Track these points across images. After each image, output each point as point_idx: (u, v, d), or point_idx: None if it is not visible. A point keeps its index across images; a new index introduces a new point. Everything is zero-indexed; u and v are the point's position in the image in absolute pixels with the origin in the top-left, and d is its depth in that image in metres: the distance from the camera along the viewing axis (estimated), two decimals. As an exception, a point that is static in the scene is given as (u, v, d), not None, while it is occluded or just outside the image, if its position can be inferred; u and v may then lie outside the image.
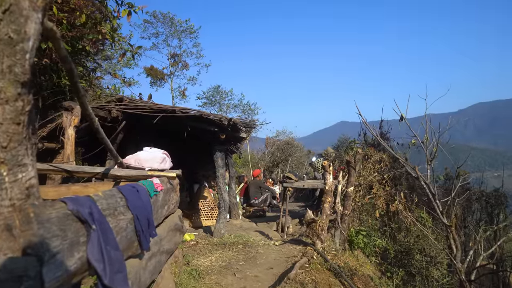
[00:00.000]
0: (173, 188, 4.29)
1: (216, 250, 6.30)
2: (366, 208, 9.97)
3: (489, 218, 13.50)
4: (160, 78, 24.81)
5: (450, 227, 6.14)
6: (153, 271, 3.14)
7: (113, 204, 2.22)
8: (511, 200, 13.95)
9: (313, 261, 5.56)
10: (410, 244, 9.42)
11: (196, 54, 25.47)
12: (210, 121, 6.90)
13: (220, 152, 7.68)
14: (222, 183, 7.74)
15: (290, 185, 8.84)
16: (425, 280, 9.04)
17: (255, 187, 11.32)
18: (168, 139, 8.32)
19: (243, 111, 26.96)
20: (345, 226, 7.60)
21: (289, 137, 24.99)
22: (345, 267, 5.81)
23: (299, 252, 6.34)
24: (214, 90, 26.73)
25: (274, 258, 6.07)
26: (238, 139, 8.37)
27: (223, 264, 5.56)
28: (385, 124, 12.60)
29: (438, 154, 6.54)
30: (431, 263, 9.27)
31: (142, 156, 4.21)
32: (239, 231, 8.28)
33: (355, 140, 12.86)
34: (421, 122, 6.60)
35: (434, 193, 6.28)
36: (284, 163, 22.61)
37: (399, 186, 10.78)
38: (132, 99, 6.78)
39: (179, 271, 4.45)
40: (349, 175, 7.57)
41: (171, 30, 24.17)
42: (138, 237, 2.57)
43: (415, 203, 10.35)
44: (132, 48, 6.83)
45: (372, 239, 8.88)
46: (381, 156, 10.52)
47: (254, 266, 5.63)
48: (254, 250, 6.49)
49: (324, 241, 6.36)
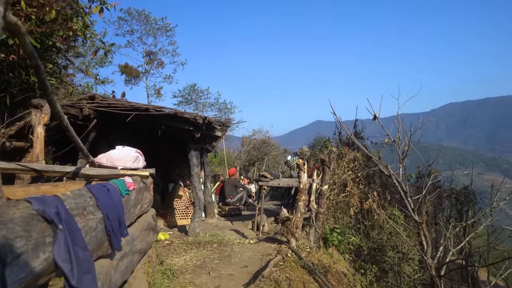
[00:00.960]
0: (147, 187, 4.24)
1: (191, 249, 6.27)
2: (341, 206, 10.10)
3: (458, 215, 13.92)
4: (135, 76, 24.42)
5: (421, 224, 6.30)
6: (125, 271, 3.10)
7: (82, 204, 2.18)
8: (479, 197, 14.42)
9: (288, 259, 5.60)
10: (383, 241, 9.61)
11: (172, 52, 25.22)
12: (185, 120, 6.84)
13: (195, 151, 7.64)
14: (197, 182, 7.70)
15: (265, 183, 8.87)
16: (397, 276, 9.23)
17: (230, 186, 11.32)
18: (142, 137, 8.22)
19: (220, 110, 26.85)
20: (320, 224, 7.68)
21: (265, 136, 25.04)
22: (319, 264, 5.88)
23: (274, 250, 6.37)
24: (190, 89, 26.51)
25: (249, 257, 6.09)
26: (214, 137, 8.34)
27: (198, 263, 5.54)
28: (359, 124, 12.80)
29: (410, 153, 6.69)
30: (403, 259, 9.47)
31: (114, 155, 4.14)
32: (214, 230, 8.26)
33: (330, 139, 13.00)
34: (394, 122, 6.73)
35: (406, 191, 6.43)
36: (260, 162, 22.66)
37: (373, 184, 10.98)
38: (105, 97, 6.66)
39: (153, 270, 4.41)
40: (324, 174, 7.65)
41: (147, 28, 23.81)
42: (108, 237, 2.53)
43: (388, 201, 10.56)
44: (104, 45, 6.71)
45: (346, 237, 9.00)
46: (355, 155, 10.69)
47: (228, 264, 5.63)
48: (229, 248, 6.49)
49: (298, 239, 6.42)
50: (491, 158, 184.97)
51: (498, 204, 6.21)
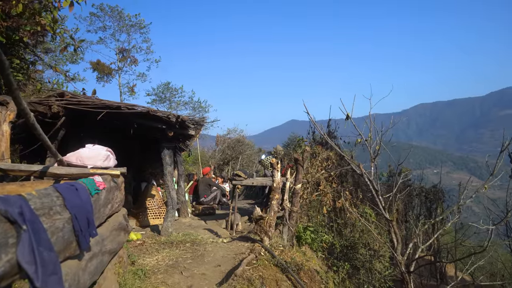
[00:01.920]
0: (118, 187, 4.17)
1: (163, 249, 6.20)
2: (314, 205, 10.21)
3: (428, 213, 14.32)
4: (108, 74, 23.90)
5: (391, 221, 6.43)
6: (94, 272, 3.04)
7: (48, 204, 2.13)
8: (448, 195, 14.88)
9: (261, 258, 5.62)
10: (355, 239, 9.77)
11: (146, 50, 24.82)
12: (157, 118, 6.76)
13: (168, 149, 7.55)
14: (170, 181, 7.62)
15: (239, 182, 8.86)
16: (368, 273, 9.40)
17: (204, 185, 11.25)
18: (113, 136, 8.07)
19: (194, 108, 26.61)
20: (293, 223, 7.73)
21: (240, 135, 25.01)
22: (292, 262, 5.92)
23: (247, 249, 6.38)
24: (164, 87, 26.16)
25: (222, 256, 6.07)
26: (187, 136, 8.26)
27: (170, 263, 5.48)
28: (333, 123, 12.97)
29: (381, 152, 6.81)
30: (374, 256, 9.65)
31: (84, 154, 4.05)
32: (187, 229, 8.20)
33: (303, 138, 13.12)
34: (366, 121, 6.84)
35: (377, 189, 6.54)
36: (234, 161, 22.65)
37: (345, 183, 11.15)
38: (75, 94, 6.49)
39: (124, 271, 4.34)
40: (297, 173, 7.71)
41: (120, 24, 23.34)
42: (76, 237, 2.48)
43: (360, 199, 10.75)
44: (74, 41, 6.53)
45: (319, 235, 9.11)
46: (328, 154, 10.82)
47: (201, 264, 5.60)
48: (202, 248, 6.45)
49: (271, 237, 6.45)
50: (459, 158, 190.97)
51: (465, 202, 6.39)
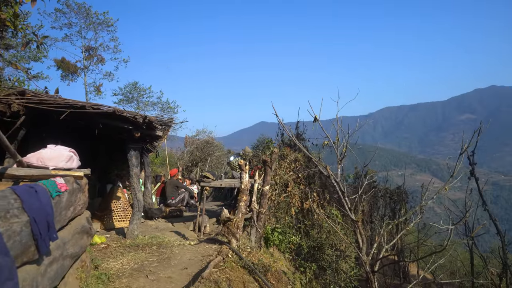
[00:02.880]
0: (81, 189, 4.06)
1: (129, 252, 6.08)
2: (282, 206, 10.27)
3: (392, 213, 14.72)
4: (73, 72, 23.15)
5: (357, 222, 6.54)
6: (54, 277, 2.94)
7: (4, 206, 2.04)
8: (411, 196, 15.35)
9: (228, 259, 5.60)
10: (322, 240, 9.90)
11: (114, 49, 24.23)
12: (124, 119, 6.61)
13: (134, 150, 7.41)
14: (136, 183, 7.47)
15: (207, 184, 8.81)
16: (335, 273, 9.56)
17: (172, 187, 11.11)
18: (78, 137, 7.85)
19: (162, 109, 26.18)
20: (261, 224, 7.75)
21: (209, 137, 24.87)
22: (259, 264, 5.94)
23: (214, 251, 6.34)
24: (132, 87, 25.62)
25: (189, 258, 6.01)
26: (154, 137, 8.14)
27: (135, 267, 5.37)
28: (301, 125, 13.10)
29: (347, 154, 6.93)
30: (340, 256, 9.82)
31: (45, 154, 3.92)
32: (154, 232, 8.07)
33: (272, 140, 13.18)
34: (333, 124, 6.95)
35: (343, 190, 6.65)
36: (203, 163, 22.50)
37: (313, 185, 11.28)
38: (36, 92, 6.25)
39: (86, 276, 4.21)
40: (266, 174, 7.74)
41: (86, 22, 22.70)
42: (35, 241, 2.39)
43: (327, 201, 10.90)
44: (37, 37, 6.30)
45: (287, 236, 9.18)
46: (296, 156, 10.92)
47: (168, 267, 5.52)
48: (168, 250, 6.37)
49: (239, 239, 6.44)
50: (422, 160, 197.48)
51: (426, 203, 6.58)
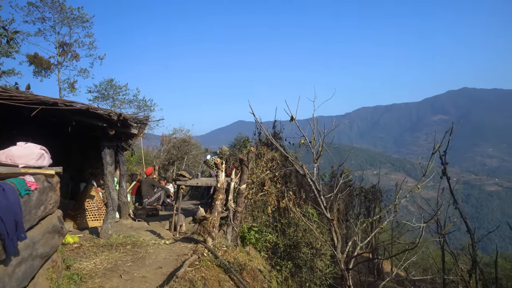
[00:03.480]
0: (52, 187, 3.97)
1: (102, 252, 5.97)
2: (259, 205, 10.30)
3: (367, 212, 14.98)
4: (46, 68, 22.51)
5: (332, 220, 6.63)
6: (22, 278, 2.86)
7: (-31, 205, 1.98)
8: (385, 195, 15.65)
9: (204, 258, 5.59)
10: (298, 238, 9.98)
11: (89, 45, 23.67)
12: (98, 116, 6.48)
13: (109, 148, 7.28)
14: (110, 181, 7.35)
15: (183, 183, 8.75)
16: (310, 271, 9.65)
17: (147, 186, 10.96)
18: (50, 134, 7.66)
19: (139, 107, 25.78)
20: (238, 223, 7.75)
21: (186, 135, 24.65)
22: (235, 262, 5.94)
23: (190, 250, 6.30)
24: (107, 84, 25.11)
25: (164, 257, 5.95)
26: (130, 135, 8.02)
27: (109, 266, 5.29)
28: (278, 124, 13.15)
29: (323, 154, 7.00)
30: (316, 255, 9.92)
31: (15, 152, 3.81)
32: (129, 231, 7.96)
33: (249, 139, 13.20)
34: (309, 123, 7.00)
35: (319, 189, 6.72)
36: (180, 161, 22.31)
37: (289, 184, 11.36)
38: (6, 88, 6.06)
39: (57, 276, 4.12)
40: (242, 173, 7.73)
41: (61, 17, 22.10)
42: (2, 241, 2.33)
43: (303, 199, 10.99)
44: (7, 32, 6.12)
45: (264, 235, 9.21)
46: (273, 155, 10.96)
47: (142, 266, 5.46)
48: (143, 250, 6.30)
49: (215, 238, 6.42)
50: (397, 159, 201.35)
51: (400, 201, 6.72)
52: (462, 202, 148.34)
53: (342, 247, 7.00)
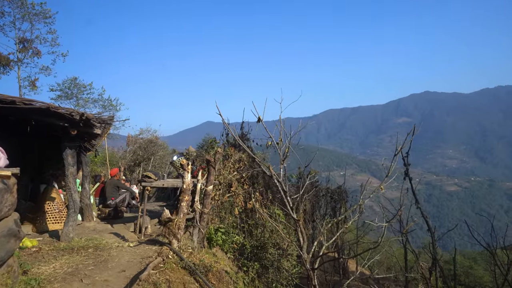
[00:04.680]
0: (8, 189, 3.81)
1: (62, 256, 5.77)
2: (226, 206, 10.27)
3: (333, 212, 15.24)
4: (5, 65, 21.60)
5: (298, 221, 6.70)
6: (-27, 284, 2.73)
7: None
8: (351, 196, 15.98)
9: (168, 261, 5.52)
10: (265, 239, 10.01)
11: (51, 42, 22.89)
12: (59, 115, 6.28)
13: (70, 149, 7.07)
14: (72, 183, 7.13)
15: (149, 184, 8.61)
16: (277, 272, 9.70)
17: (112, 187, 10.72)
18: (6, 133, 7.35)
19: (104, 106, 25.16)
20: (204, 224, 7.70)
21: (153, 136, 24.29)
22: (200, 264, 5.90)
23: (155, 252, 6.21)
24: (71, 83, 24.37)
25: (128, 260, 5.83)
26: (93, 135, 7.81)
27: (69, 271, 5.12)
28: (246, 125, 13.17)
29: (290, 155, 7.07)
30: (283, 255, 9.99)
31: (-32, 152, 3.64)
32: (91, 234, 7.75)
33: (216, 139, 13.15)
34: (276, 125, 7.05)
35: (285, 190, 6.78)
36: (146, 162, 21.97)
37: (257, 185, 11.38)
38: (-41, 85, 5.79)
39: (13, 282, 3.95)
40: (209, 174, 7.70)
41: (21, 12, 21.27)
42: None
43: (270, 200, 11.04)
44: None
45: (231, 236, 9.19)
46: (240, 156, 10.96)
47: (104, 270, 5.32)
48: (106, 253, 6.14)
49: (180, 240, 6.36)
50: (363, 161, 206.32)
51: (364, 201, 6.87)
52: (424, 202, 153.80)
53: (308, 247, 7.08)
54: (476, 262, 25.38)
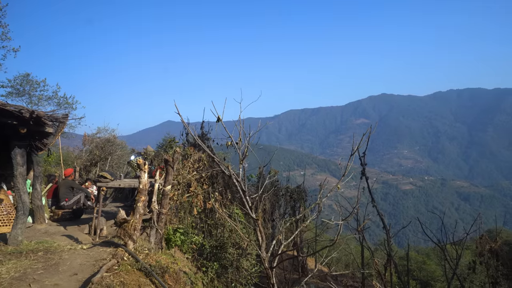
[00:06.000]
0: None
1: (9, 260, 5.49)
2: (185, 206, 10.17)
3: (292, 211, 15.43)
4: (-50, 59, 20.32)
5: (257, 220, 6.73)
6: None
7: None
8: (311, 195, 16.24)
9: (123, 263, 5.39)
10: (224, 239, 9.99)
11: (2, 36, 21.74)
12: (7, 113, 5.98)
13: (20, 148, 6.75)
14: (21, 184, 6.80)
15: (104, 184, 8.38)
16: (236, 271, 9.71)
17: (66, 188, 10.33)
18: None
19: (59, 104, 24.13)
20: (162, 225, 7.59)
21: (110, 135, 23.60)
22: (157, 265, 5.80)
23: (109, 254, 6.04)
24: (23, 79, 23.21)
25: (80, 263, 5.63)
26: (45, 134, 7.49)
27: (16, 275, 4.88)
28: (206, 125, 13.11)
29: (248, 154, 7.09)
30: (242, 255, 10.01)
31: None
32: (43, 236, 7.45)
33: (175, 139, 13.01)
34: (236, 124, 7.05)
35: (244, 190, 6.78)
36: (103, 162, 21.34)
37: (216, 184, 11.34)
38: None
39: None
40: (167, 174, 7.59)
41: (-32, 4, 20.07)
42: None
43: (229, 200, 11.03)
44: None
45: (189, 236, 9.11)
46: (200, 156, 10.88)
47: (55, 274, 5.11)
48: (57, 256, 5.90)
49: (136, 241, 6.23)
50: (323, 160, 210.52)
51: (321, 200, 6.99)
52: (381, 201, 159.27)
53: (267, 246, 7.12)
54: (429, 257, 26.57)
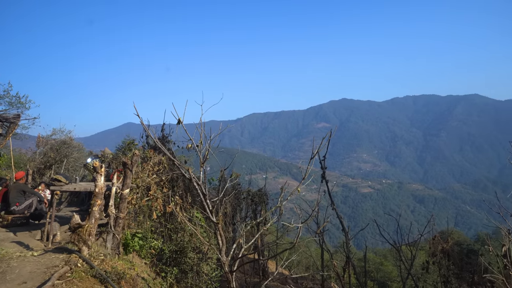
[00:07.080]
0: None
1: (-50, 270, 5.17)
2: (144, 210, 9.93)
3: (253, 214, 15.46)
4: None
5: (217, 224, 6.66)
6: None
7: None
8: (272, 198, 16.33)
9: (77, 269, 5.18)
10: (184, 243, 9.84)
11: None
12: (-49, 112, 5.64)
13: (-35, 149, 6.37)
14: (-34, 187, 6.43)
15: (59, 188, 8.04)
16: (196, 276, 9.58)
17: (17, 191, 9.80)
18: None
19: (11, 104, 23.00)
20: (119, 230, 7.37)
21: (67, 136, 22.70)
22: (113, 271, 5.62)
23: (62, 261, 5.79)
24: (-29, 77, 22.03)
25: (30, 271, 5.36)
26: (-6, 135, 7.13)
27: (-42, 286, 4.59)
28: (167, 128, 12.91)
29: (211, 157, 7.02)
30: (203, 259, 9.90)
31: None
32: (-11, 243, 7.04)
33: (134, 141, 12.73)
34: (197, 127, 6.96)
35: (205, 193, 6.70)
36: (58, 165, 20.49)
37: (176, 188, 11.17)
38: None
39: None
40: (125, 177, 7.40)
41: None
42: None
43: (190, 203, 10.89)
44: None
45: (149, 241, 8.91)
46: (160, 159, 10.68)
47: (2, 283, 4.84)
48: (5, 264, 5.59)
49: (91, 246, 6.01)
50: (284, 164, 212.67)
51: (282, 204, 7.01)
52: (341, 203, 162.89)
53: (228, 250, 7.06)
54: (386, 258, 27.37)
